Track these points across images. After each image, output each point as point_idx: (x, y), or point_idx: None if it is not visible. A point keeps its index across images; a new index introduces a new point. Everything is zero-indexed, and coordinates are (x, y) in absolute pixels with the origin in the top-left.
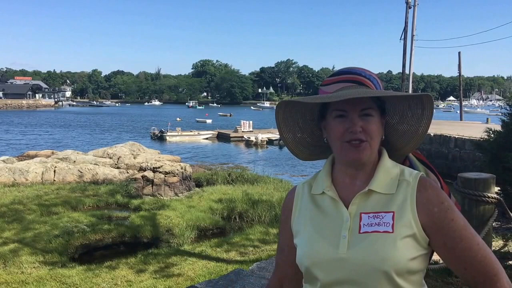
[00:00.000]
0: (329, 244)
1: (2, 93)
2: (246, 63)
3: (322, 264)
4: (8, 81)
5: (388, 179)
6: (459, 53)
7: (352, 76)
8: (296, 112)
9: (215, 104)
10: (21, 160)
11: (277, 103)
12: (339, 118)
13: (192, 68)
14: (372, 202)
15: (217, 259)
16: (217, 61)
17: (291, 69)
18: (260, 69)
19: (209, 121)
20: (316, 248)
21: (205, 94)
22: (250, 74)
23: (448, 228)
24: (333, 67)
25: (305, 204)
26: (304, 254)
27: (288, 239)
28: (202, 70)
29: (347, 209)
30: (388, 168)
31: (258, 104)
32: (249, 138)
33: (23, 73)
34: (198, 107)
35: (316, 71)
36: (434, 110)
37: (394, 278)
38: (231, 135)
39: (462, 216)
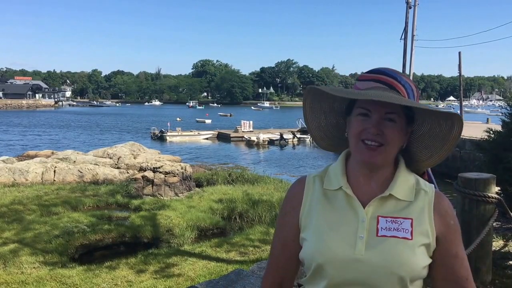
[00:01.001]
0: (346, 243)
1: (2, 93)
2: (246, 63)
3: (336, 263)
4: (8, 81)
5: (406, 186)
6: (459, 53)
7: (386, 78)
8: (325, 101)
9: (215, 104)
10: (21, 160)
11: (276, 103)
12: (361, 116)
13: (192, 68)
14: (390, 206)
15: (218, 259)
16: (217, 61)
17: (292, 69)
18: (260, 69)
19: (208, 121)
20: (331, 246)
21: (205, 94)
22: (250, 74)
23: (455, 243)
24: (333, 67)
25: (317, 197)
26: (316, 250)
27: (293, 233)
28: (202, 70)
29: (363, 209)
30: (406, 175)
31: (258, 104)
32: (250, 138)
33: (23, 73)
34: (198, 107)
35: (316, 71)
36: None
37: (407, 284)
38: (231, 135)
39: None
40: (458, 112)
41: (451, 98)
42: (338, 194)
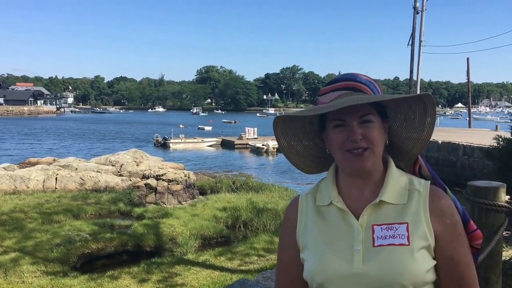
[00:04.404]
0: (342, 258)
1: (4, 100)
2: (251, 69)
3: (336, 280)
4: (9, 87)
5: (398, 189)
6: (467, 59)
7: (347, 83)
8: (295, 126)
9: (219, 111)
10: (23, 168)
11: (281, 109)
12: (338, 128)
13: (196, 74)
14: (384, 213)
15: (221, 269)
16: (221, 67)
17: (297, 75)
18: (265, 75)
19: (208, 128)
20: (329, 263)
21: (209, 100)
22: (255, 80)
23: (457, 242)
24: (339, 73)
25: (311, 216)
26: (315, 270)
27: (294, 254)
28: (206, 76)
29: (357, 220)
30: (397, 177)
31: (264, 111)
32: (255, 145)
33: (25, 79)
34: (201, 114)
35: (322, 77)
36: (442, 117)
37: None
38: (235, 142)
39: (465, 234)
40: (467, 119)
41: (459, 104)
42: (331, 209)
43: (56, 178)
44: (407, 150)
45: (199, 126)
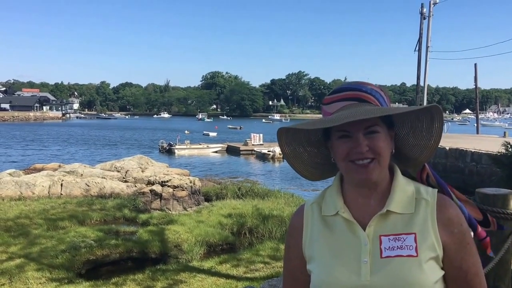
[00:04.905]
0: (350, 270)
1: (10, 105)
2: (256, 75)
3: None
4: (15, 93)
5: (405, 198)
6: (475, 64)
7: (353, 93)
8: (299, 135)
9: (225, 117)
10: (28, 174)
11: (287, 115)
12: (342, 139)
13: (201, 80)
14: (391, 223)
15: (227, 276)
16: (226, 73)
17: (303, 81)
18: (270, 81)
19: (213, 134)
20: (336, 275)
21: (214, 106)
22: (260, 86)
23: (465, 251)
24: (345, 79)
25: (317, 226)
26: (323, 282)
27: (300, 265)
28: (211, 82)
29: (364, 231)
30: (404, 186)
31: (269, 116)
32: (261, 151)
33: (31, 85)
34: (207, 120)
35: (328, 83)
36: (450, 123)
37: None
38: (241, 148)
39: (474, 242)
40: (475, 125)
41: (467, 111)
42: (337, 219)
43: (61, 184)
44: (414, 157)
45: (204, 132)
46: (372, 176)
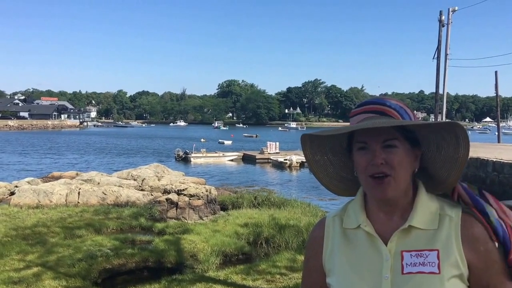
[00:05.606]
0: (370, 286)
1: (29, 114)
2: (272, 83)
3: None
4: (34, 102)
5: (428, 214)
6: (495, 72)
7: (375, 106)
8: (323, 142)
9: (241, 125)
10: (46, 182)
11: (303, 123)
12: (361, 151)
13: (217, 88)
14: (413, 239)
15: (243, 287)
16: (242, 81)
17: (319, 89)
18: (286, 89)
19: (228, 142)
20: None
21: (230, 114)
22: (276, 94)
23: (492, 270)
24: (362, 87)
25: (338, 239)
26: None
27: (319, 278)
28: (227, 90)
29: (386, 246)
30: (427, 201)
31: (285, 124)
32: (277, 159)
33: (50, 93)
34: (223, 128)
35: (345, 91)
36: (470, 132)
37: None
38: (257, 157)
39: (502, 261)
40: (496, 134)
41: (488, 119)
42: (358, 232)
43: (78, 193)
44: (441, 179)
45: (219, 140)
46: (386, 193)
